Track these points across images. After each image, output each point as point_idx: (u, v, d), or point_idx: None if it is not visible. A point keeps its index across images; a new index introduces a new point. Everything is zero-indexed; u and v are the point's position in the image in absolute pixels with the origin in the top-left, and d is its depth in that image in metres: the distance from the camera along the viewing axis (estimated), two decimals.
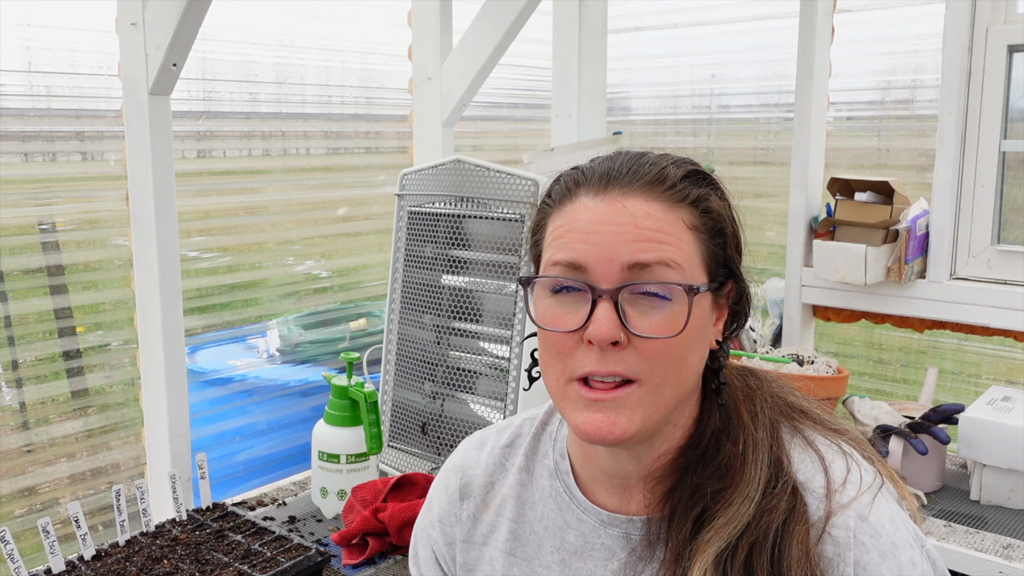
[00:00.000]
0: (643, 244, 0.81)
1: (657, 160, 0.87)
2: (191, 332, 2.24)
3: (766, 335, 2.50)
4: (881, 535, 0.82)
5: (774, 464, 0.86)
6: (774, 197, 2.74)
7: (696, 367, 0.86)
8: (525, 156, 2.32)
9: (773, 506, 0.83)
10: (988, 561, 1.59)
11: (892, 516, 0.85)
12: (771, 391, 0.94)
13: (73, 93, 1.98)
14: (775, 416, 0.91)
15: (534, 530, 0.97)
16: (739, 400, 0.91)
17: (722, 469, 0.86)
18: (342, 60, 2.52)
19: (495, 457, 1.02)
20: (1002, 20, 2.11)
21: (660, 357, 0.81)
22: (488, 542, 1.00)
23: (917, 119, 2.52)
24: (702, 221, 0.85)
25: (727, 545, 0.82)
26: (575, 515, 0.94)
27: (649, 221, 0.81)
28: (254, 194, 2.42)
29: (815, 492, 0.85)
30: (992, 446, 1.78)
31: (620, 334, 0.80)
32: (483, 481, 1.01)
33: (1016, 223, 2.19)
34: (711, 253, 0.86)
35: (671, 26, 2.95)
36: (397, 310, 1.98)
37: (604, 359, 0.80)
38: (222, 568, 1.46)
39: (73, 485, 2.04)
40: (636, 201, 0.82)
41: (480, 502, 1.01)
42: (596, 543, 0.92)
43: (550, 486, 0.97)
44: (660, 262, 0.80)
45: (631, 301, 0.81)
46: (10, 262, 1.92)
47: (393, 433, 1.98)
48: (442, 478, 1.05)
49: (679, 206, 0.84)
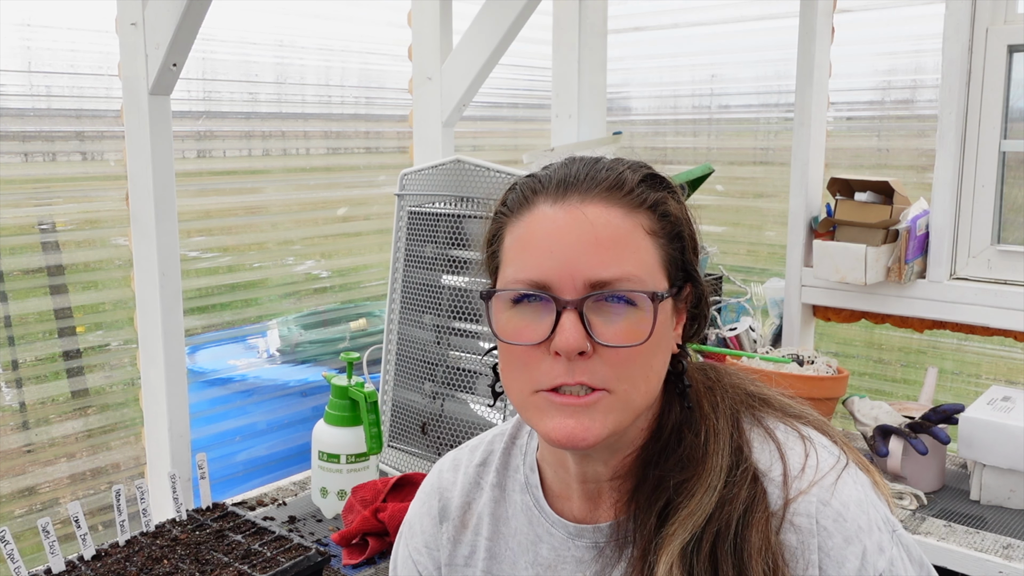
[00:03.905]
0: (604, 256, 0.80)
1: (613, 165, 0.86)
2: (191, 332, 2.24)
3: (766, 335, 2.50)
4: (846, 518, 0.81)
5: (735, 452, 0.86)
6: (774, 197, 2.74)
7: (661, 372, 0.86)
8: (525, 156, 2.32)
9: (734, 495, 0.82)
10: (988, 561, 1.59)
11: (859, 498, 0.83)
12: (731, 382, 0.94)
13: (73, 93, 1.98)
14: (736, 406, 0.91)
15: (509, 546, 0.96)
16: (700, 392, 0.91)
17: (684, 460, 0.86)
18: (342, 60, 2.52)
19: (470, 477, 1.01)
20: (1002, 20, 2.11)
21: (627, 364, 0.81)
22: (469, 563, 0.99)
23: (917, 119, 2.52)
24: (660, 225, 0.84)
25: (692, 537, 0.81)
26: (545, 528, 0.94)
27: (609, 230, 0.81)
28: (254, 194, 2.42)
29: (774, 480, 0.84)
30: (992, 446, 1.78)
31: (587, 344, 0.79)
32: (460, 502, 1.00)
33: (1016, 223, 2.19)
34: (670, 257, 0.85)
35: (671, 26, 2.95)
36: (397, 310, 1.98)
37: (571, 369, 0.80)
38: (222, 568, 1.46)
39: (73, 485, 2.04)
40: (595, 208, 0.81)
41: (459, 523, 1.00)
42: (567, 556, 0.92)
43: (521, 500, 0.96)
44: (621, 278, 0.80)
45: (596, 309, 0.80)
46: (10, 262, 1.92)
47: (393, 433, 1.98)
48: (421, 502, 1.04)
49: (637, 211, 0.83)
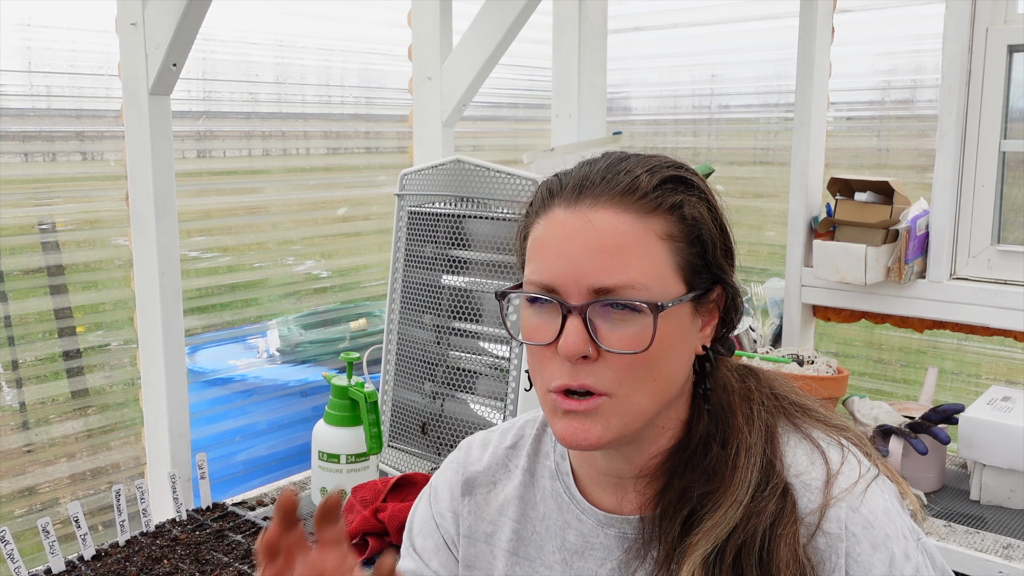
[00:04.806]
0: (608, 264, 0.80)
1: (632, 167, 0.85)
2: (191, 332, 2.24)
3: (766, 335, 2.50)
4: (873, 526, 0.82)
5: (766, 468, 0.86)
6: (774, 197, 2.74)
7: (675, 375, 0.86)
8: (525, 156, 2.32)
9: (761, 509, 0.83)
10: (988, 561, 1.59)
11: (886, 507, 0.84)
12: (772, 391, 0.94)
13: (73, 93, 1.98)
14: (773, 417, 0.91)
15: (536, 530, 0.98)
16: (735, 403, 0.91)
17: (709, 472, 0.86)
18: (342, 60, 2.52)
19: (498, 458, 1.03)
20: (1002, 20, 2.11)
21: (631, 370, 0.82)
22: (491, 541, 1.01)
23: (917, 119, 2.52)
24: (679, 229, 0.84)
25: (715, 548, 0.83)
26: (575, 515, 0.95)
27: (615, 237, 0.81)
28: (254, 194, 2.42)
29: (810, 485, 0.85)
30: (992, 446, 1.78)
31: (589, 348, 0.81)
32: (485, 480, 1.03)
33: (1016, 223, 2.19)
34: (688, 261, 0.84)
35: (671, 26, 2.95)
36: (397, 310, 1.98)
37: (575, 372, 0.82)
38: (222, 568, 1.46)
39: (73, 485, 2.04)
40: (605, 214, 0.82)
41: (482, 501, 1.02)
42: (595, 543, 0.94)
43: (551, 487, 0.98)
44: (624, 286, 0.80)
45: (601, 314, 0.81)
46: (10, 262, 1.92)
47: (393, 433, 1.98)
48: (446, 473, 1.06)
49: (651, 216, 0.83)
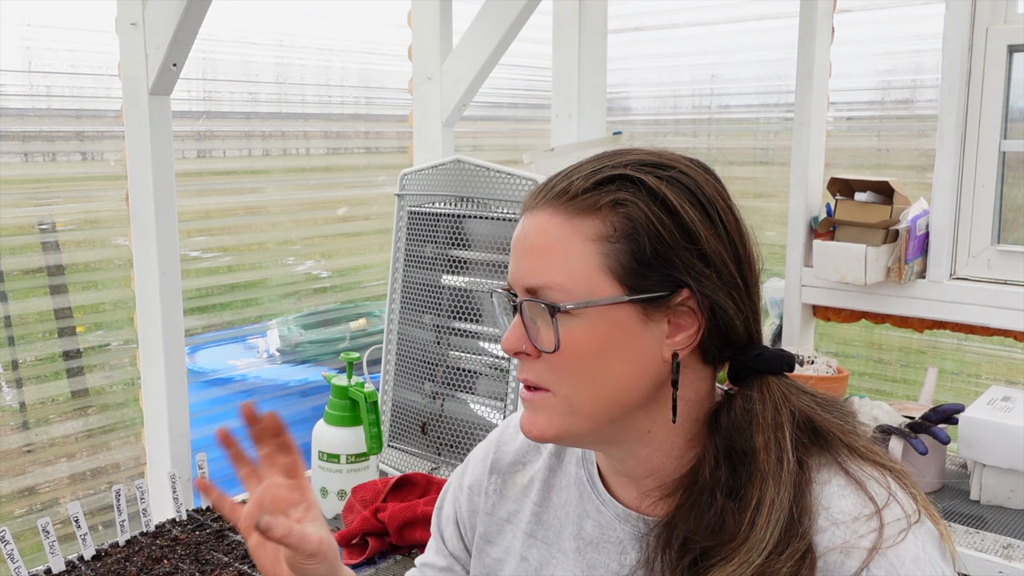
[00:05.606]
0: (533, 265, 0.84)
1: (574, 171, 0.86)
2: (191, 332, 2.24)
3: (766, 335, 2.50)
4: (898, 571, 0.77)
5: (791, 525, 0.79)
6: (774, 197, 2.74)
7: (625, 380, 0.83)
8: (525, 156, 2.32)
9: (776, 570, 0.78)
10: (988, 561, 1.59)
11: (916, 554, 0.78)
12: (822, 423, 0.84)
13: (73, 93, 1.98)
14: (812, 459, 0.83)
15: (556, 516, 0.99)
16: (761, 441, 0.82)
17: (716, 527, 0.81)
18: (342, 60, 2.52)
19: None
20: (1002, 20, 2.11)
21: (565, 370, 0.83)
22: (512, 520, 1.02)
23: (917, 119, 2.52)
24: (617, 229, 0.81)
25: None
26: (594, 505, 0.95)
27: (541, 239, 0.84)
28: (254, 194, 2.42)
29: (843, 523, 0.79)
30: (992, 446, 1.78)
31: (521, 345, 0.85)
32: (512, 459, 1.04)
33: (1016, 223, 2.19)
34: (624, 263, 0.82)
35: (671, 26, 2.95)
36: (397, 310, 1.98)
37: (521, 367, 0.87)
38: (222, 568, 1.46)
39: (73, 485, 2.04)
40: (541, 216, 0.85)
41: (507, 479, 1.04)
42: (611, 536, 0.93)
43: (576, 473, 0.99)
44: (544, 286, 0.83)
45: (539, 314, 0.84)
46: (10, 262, 1.92)
47: (393, 433, 1.98)
48: (481, 448, 1.09)
49: (579, 217, 0.82)
